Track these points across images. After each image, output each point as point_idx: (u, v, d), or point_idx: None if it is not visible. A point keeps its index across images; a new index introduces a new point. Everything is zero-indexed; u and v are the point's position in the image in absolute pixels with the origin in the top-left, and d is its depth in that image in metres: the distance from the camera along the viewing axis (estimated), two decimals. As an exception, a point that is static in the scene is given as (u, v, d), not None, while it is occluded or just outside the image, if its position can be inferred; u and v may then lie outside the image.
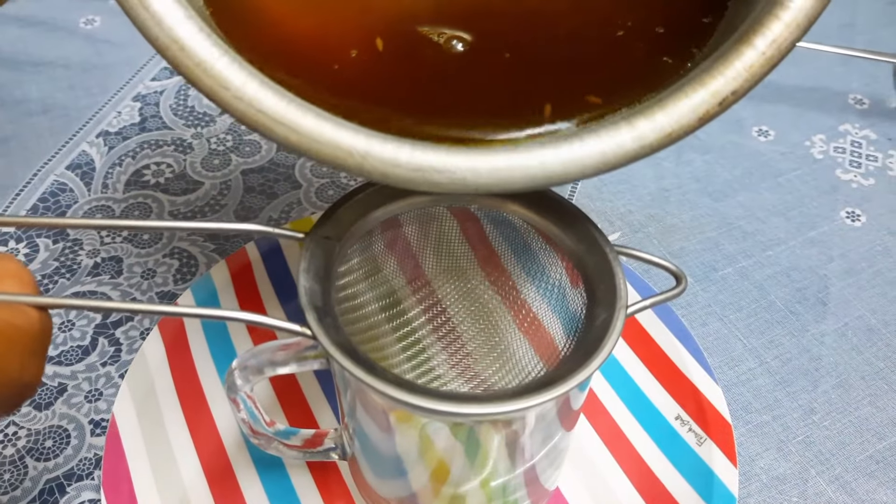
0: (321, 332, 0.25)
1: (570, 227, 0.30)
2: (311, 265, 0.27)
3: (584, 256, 0.29)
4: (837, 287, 0.45)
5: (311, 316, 0.25)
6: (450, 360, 0.32)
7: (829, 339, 0.42)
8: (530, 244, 0.31)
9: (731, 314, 0.43)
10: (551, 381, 0.25)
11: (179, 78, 0.56)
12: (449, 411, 0.24)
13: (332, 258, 0.28)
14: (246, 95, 0.21)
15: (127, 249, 0.45)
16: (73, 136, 0.52)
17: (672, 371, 0.39)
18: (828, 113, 0.56)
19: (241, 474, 0.35)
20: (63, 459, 0.37)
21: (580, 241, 0.29)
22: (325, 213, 0.29)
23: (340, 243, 0.29)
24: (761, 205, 0.49)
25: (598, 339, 0.26)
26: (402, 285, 0.33)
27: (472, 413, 0.24)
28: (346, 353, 0.25)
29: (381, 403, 0.26)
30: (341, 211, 0.29)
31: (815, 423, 0.39)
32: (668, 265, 0.29)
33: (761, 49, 0.21)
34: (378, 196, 0.30)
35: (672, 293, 0.29)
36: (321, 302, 0.26)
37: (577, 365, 0.25)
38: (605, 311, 0.27)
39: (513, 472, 0.31)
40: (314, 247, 0.28)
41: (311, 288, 0.26)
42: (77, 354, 0.40)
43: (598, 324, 0.27)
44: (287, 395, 0.38)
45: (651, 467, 0.36)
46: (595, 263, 0.28)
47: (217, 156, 0.51)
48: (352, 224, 0.29)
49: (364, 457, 0.32)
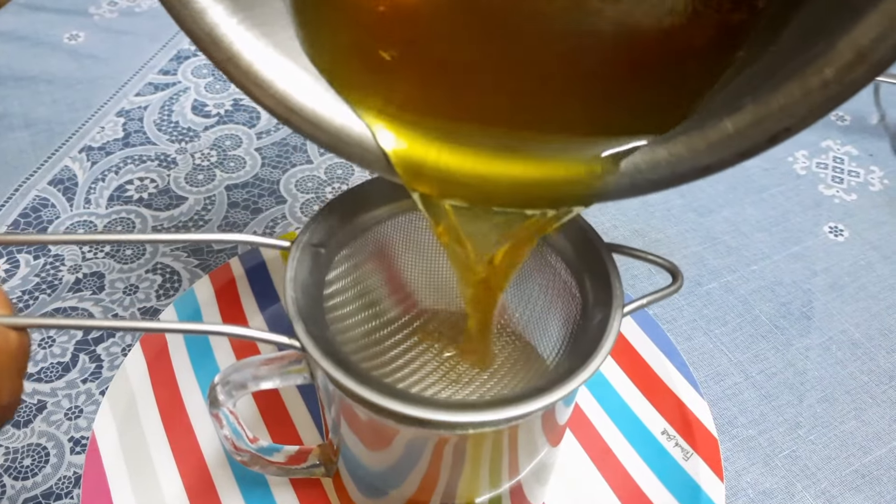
0: (310, 343, 0.24)
1: (563, 226, 0.29)
2: (297, 274, 0.26)
3: (578, 256, 0.28)
4: (821, 301, 0.45)
5: (300, 327, 0.25)
6: (443, 367, 0.31)
7: (814, 354, 0.42)
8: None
9: (717, 328, 0.43)
10: (550, 385, 0.24)
11: (164, 93, 0.56)
12: (447, 421, 0.23)
13: (319, 266, 0.27)
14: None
15: (109, 265, 0.45)
16: (55, 151, 0.51)
17: (658, 385, 0.39)
18: (810, 129, 0.55)
19: (224, 492, 0.35)
20: (42, 478, 0.36)
21: (573, 239, 0.29)
22: (311, 220, 0.28)
23: (327, 251, 0.28)
24: (745, 220, 0.49)
25: (595, 339, 0.25)
26: (392, 292, 0.32)
27: (475, 421, 0.23)
28: (338, 364, 0.24)
29: (370, 417, 0.26)
30: (327, 217, 0.29)
31: (801, 437, 0.39)
32: (664, 262, 0.28)
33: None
34: (365, 201, 0.29)
35: (669, 290, 0.28)
36: (309, 312, 0.26)
37: (576, 366, 0.24)
38: (601, 311, 0.26)
39: (499, 487, 0.30)
40: (300, 255, 0.27)
41: (298, 298, 0.26)
42: (57, 371, 0.40)
43: (594, 324, 0.26)
44: (270, 412, 0.38)
45: (637, 482, 0.36)
46: (589, 262, 0.28)
47: (201, 171, 0.51)
48: (338, 230, 0.29)
49: (348, 473, 0.32)
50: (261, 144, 0.53)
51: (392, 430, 0.26)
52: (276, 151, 0.52)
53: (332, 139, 0.24)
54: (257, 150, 0.52)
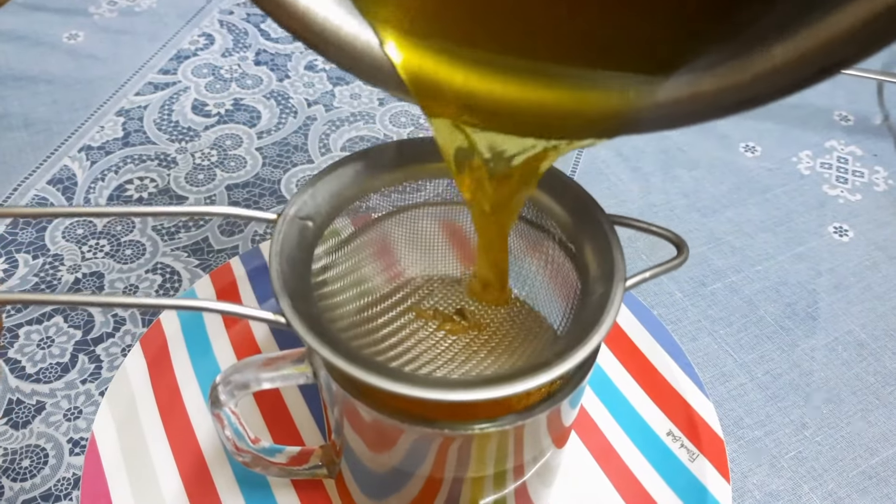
0: (295, 318, 0.23)
1: (562, 196, 0.28)
2: (283, 248, 0.25)
3: (579, 228, 0.27)
4: (827, 302, 0.45)
5: (285, 302, 0.23)
6: (439, 346, 0.30)
7: (820, 354, 0.42)
8: (521, 215, 0.30)
9: (721, 329, 0.43)
10: (548, 362, 0.23)
11: (164, 93, 0.56)
12: (440, 399, 0.22)
13: (306, 241, 0.26)
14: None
15: (108, 265, 0.44)
16: (54, 151, 0.51)
17: (663, 386, 0.38)
18: (813, 129, 0.56)
19: (225, 494, 0.34)
20: (40, 480, 0.35)
21: (573, 211, 0.27)
22: (298, 192, 0.27)
23: (316, 224, 0.27)
24: (749, 220, 0.49)
25: (595, 315, 0.24)
26: (384, 268, 0.31)
27: (469, 399, 0.22)
28: (324, 340, 0.23)
29: (372, 416, 0.25)
30: (316, 189, 0.27)
31: (808, 438, 0.39)
32: (668, 233, 0.27)
33: None
34: (355, 173, 0.28)
35: (674, 263, 0.26)
36: (296, 287, 0.24)
37: (577, 342, 0.23)
38: (603, 285, 0.25)
39: (504, 489, 0.30)
40: (287, 228, 0.26)
41: (284, 272, 0.24)
42: (56, 372, 0.39)
43: (595, 299, 0.25)
44: (272, 413, 0.37)
45: (643, 484, 0.36)
46: (590, 235, 0.27)
47: (202, 170, 0.50)
48: (327, 203, 0.27)
49: (351, 475, 0.31)
50: (261, 144, 0.52)
51: (395, 430, 0.26)
52: (277, 151, 0.52)
53: (345, 54, 0.24)
54: (258, 149, 0.52)
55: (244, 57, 0.59)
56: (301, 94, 0.56)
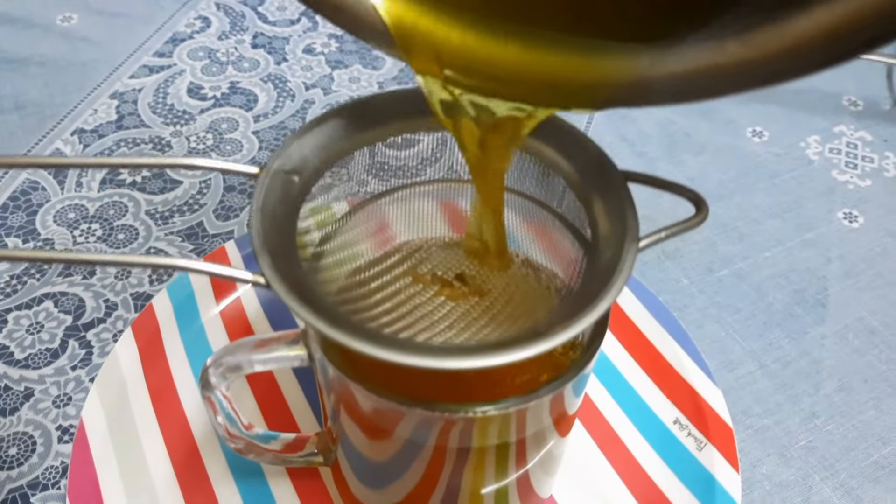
0: (276, 278, 0.21)
1: (571, 151, 0.26)
2: (265, 203, 0.23)
3: (588, 184, 0.25)
4: (837, 289, 0.44)
5: (265, 260, 0.21)
6: (436, 313, 0.28)
7: (830, 342, 0.41)
8: (525, 172, 0.28)
9: (729, 316, 0.42)
10: (554, 327, 0.21)
11: (159, 76, 0.55)
12: (435, 367, 0.20)
13: (291, 197, 0.24)
14: None
15: (100, 249, 0.43)
16: (46, 134, 0.50)
17: (669, 374, 0.37)
18: (822, 114, 0.55)
19: (217, 482, 0.33)
20: (28, 468, 0.34)
21: (583, 167, 0.25)
22: (284, 145, 0.25)
23: (302, 179, 0.25)
24: (757, 206, 0.48)
25: (606, 277, 0.22)
26: (379, 228, 0.29)
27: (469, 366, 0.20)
28: (309, 304, 0.21)
29: (369, 399, 0.24)
30: (303, 141, 0.25)
31: (818, 427, 0.38)
32: (686, 190, 0.25)
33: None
34: (347, 124, 0.26)
35: (692, 222, 0.24)
36: (279, 246, 0.22)
37: (585, 305, 0.21)
38: (615, 245, 0.23)
39: (506, 478, 0.29)
40: (269, 183, 0.23)
41: (265, 229, 0.22)
42: (45, 357, 0.38)
43: (605, 261, 0.23)
44: (267, 399, 0.36)
45: (649, 473, 0.35)
46: (601, 192, 0.25)
47: (197, 154, 0.49)
48: (316, 157, 0.25)
49: (348, 462, 0.30)
50: (258, 128, 0.51)
51: (393, 414, 0.25)
52: (274, 135, 0.51)
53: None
54: (254, 133, 0.51)
55: (241, 40, 0.58)
56: (299, 77, 0.55)
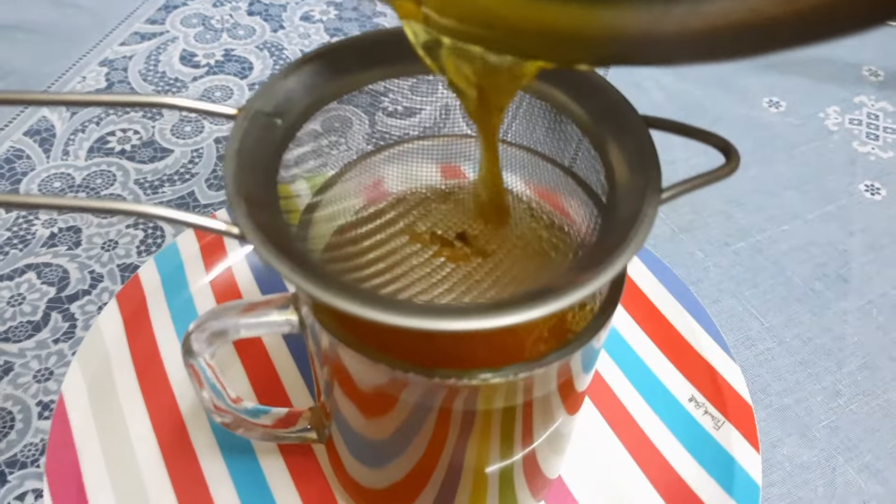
0: (251, 228, 0.18)
1: (586, 95, 0.23)
2: (243, 147, 0.20)
3: (605, 132, 0.23)
4: (859, 263, 0.41)
5: (240, 208, 0.19)
6: (435, 275, 0.25)
7: (853, 318, 0.39)
8: (535, 121, 0.25)
9: (746, 291, 0.40)
10: (569, 284, 0.18)
11: (150, 43, 0.52)
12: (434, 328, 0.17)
13: (273, 142, 0.22)
14: None
15: (86, 219, 0.41)
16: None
17: (684, 349, 0.35)
18: (841, 85, 0.52)
19: (205, 460, 0.31)
20: (6, 445, 0.32)
21: (599, 113, 0.23)
22: (267, 84, 0.22)
23: (287, 122, 0.22)
24: (775, 178, 0.46)
25: (624, 231, 0.20)
26: (372, 181, 0.27)
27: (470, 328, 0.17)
28: (288, 257, 0.18)
29: (360, 363, 0.22)
30: (289, 82, 0.22)
31: (841, 406, 0.35)
32: (714, 137, 0.22)
33: None
34: (338, 64, 0.23)
35: (721, 171, 0.22)
36: (257, 195, 0.20)
37: (601, 261, 0.19)
38: (634, 198, 0.21)
39: (511, 457, 0.27)
40: (248, 125, 0.21)
41: (243, 175, 0.20)
42: (27, 330, 0.36)
43: (623, 215, 0.21)
44: (258, 373, 0.34)
45: (663, 454, 0.33)
46: (619, 140, 0.22)
47: (188, 122, 0.47)
48: (303, 99, 0.22)
49: (343, 439, 0.28)
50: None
51: (390, 383, 0.23)
52: (270, 103, 0.49)
53: None
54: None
55: (236, 7, 0.56)
56: (296, 44, 0.53)
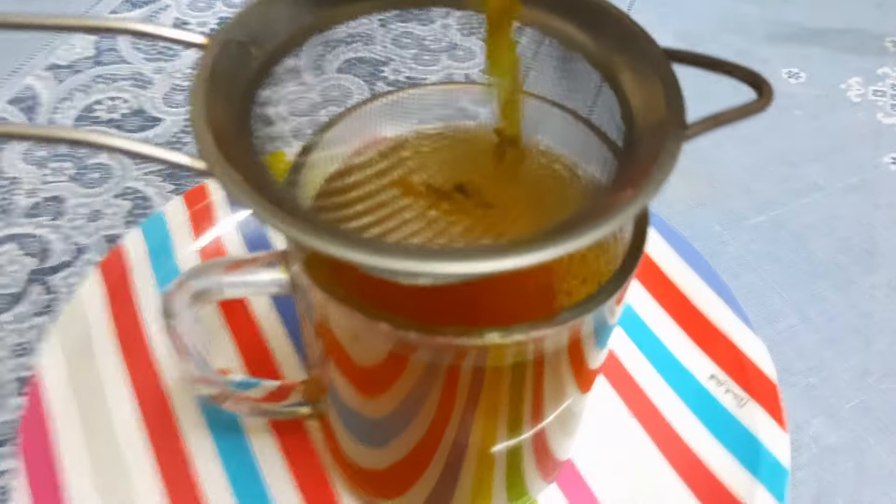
0: (220, 162, 0.16)
1: (601, 28, 0.21)
2: (213, 75, 0.18)
3: (623, 66, 0.20)
4: (885, 236, 0.39)
5: (206, 140, 0.16)
6: (431, 229, 0.22)
7: (881, 293, 0.37)
8: (544, 52, 0.23)
9: (767, 265, 0.38)
10: (583, 224, 0.16)
11: (142, 10, 0.50)
12: (436, 272, 0.15)
13: (247, 74, 0.19)
14: None
15: (71, 189, 0.39)
16: (17, 69, 0.46)
17: (703, 324, 0.33)
18: (863, 56, 0.50)
19: (191, 437, 0.29)
20: (-20, 422, 0.31)
21: (616, 46, 0.21)
22: (244, 10, 0.20)
23: (265, 52, 0.20)
24: (796, 149, 0.44)
25: (644, 169, 0.17)
26: (361, 125, 0.24)
27: (479, 271, 0.15)
28: (263, 195, 0.16)
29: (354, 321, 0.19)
30: (269, 8, 0.20)
31: (871, 385, 0.33)
32: (743, 70, 0.20)
33: None
34: None
35: (754, 106, 0.20)
36: (228, 129, 0.18)
37: (621, 201, 0.17)
38: (654, 136, 0.19)
39: (518, 435, 0.25)
40: (219, 54, 0.19)
41: (212, 106, 0.17)
42: (5, 302, 0.34)
43: (643, 154, 0.18)
44: (248, 344, 0.32)
45: (681, 434, 0.30)
46: (637, 73, 0.20)
47: (180, 91, 0.45)
48: (285, 28, 0.20)
49: (338, 414, 0.26)
50: (248, 65, 0.47)
51: (389, 346, 0.20)
52: (266, 72, 0.46)
53: None
54: (244, 70, 0.46)
55: (232, -25, 0.54)
56: (294, 13, 0.51)
